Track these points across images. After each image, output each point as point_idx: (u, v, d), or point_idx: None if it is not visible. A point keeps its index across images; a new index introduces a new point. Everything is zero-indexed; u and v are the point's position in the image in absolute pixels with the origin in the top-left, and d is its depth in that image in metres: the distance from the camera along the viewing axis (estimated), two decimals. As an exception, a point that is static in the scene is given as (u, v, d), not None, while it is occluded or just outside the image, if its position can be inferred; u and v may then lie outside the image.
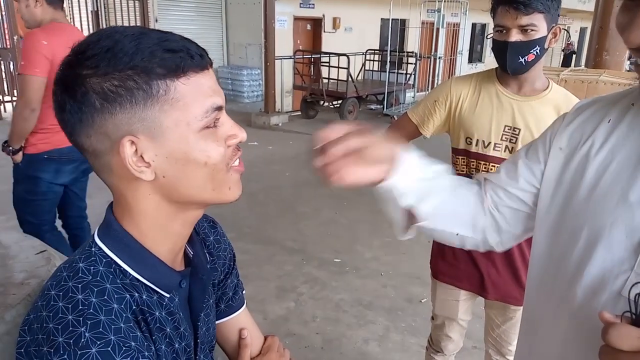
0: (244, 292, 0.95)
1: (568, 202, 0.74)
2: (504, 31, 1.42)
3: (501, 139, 1.51)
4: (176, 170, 0.62)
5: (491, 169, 1.51)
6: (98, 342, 0.55)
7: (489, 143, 1.52)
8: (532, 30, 1.38)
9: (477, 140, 1.54)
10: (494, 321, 1.76)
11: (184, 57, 0.59)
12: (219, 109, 0.63)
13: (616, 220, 0.66)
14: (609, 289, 0.66)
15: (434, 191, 0.85)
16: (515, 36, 1.39)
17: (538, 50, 1.41)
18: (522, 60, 1.41)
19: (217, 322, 0.90)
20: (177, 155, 0.61)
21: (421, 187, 0.84)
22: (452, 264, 1.69)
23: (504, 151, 1.51)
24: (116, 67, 0.57)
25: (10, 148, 2.39)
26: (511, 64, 1.43)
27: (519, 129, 1.48)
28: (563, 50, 13.88)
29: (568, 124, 0.80)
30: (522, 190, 0.85)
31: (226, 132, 0.65)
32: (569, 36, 14.76)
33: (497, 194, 0.88)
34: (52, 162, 2.45)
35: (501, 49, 1.43)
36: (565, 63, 12.81)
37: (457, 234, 0.90)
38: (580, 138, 0.76)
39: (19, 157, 2.42)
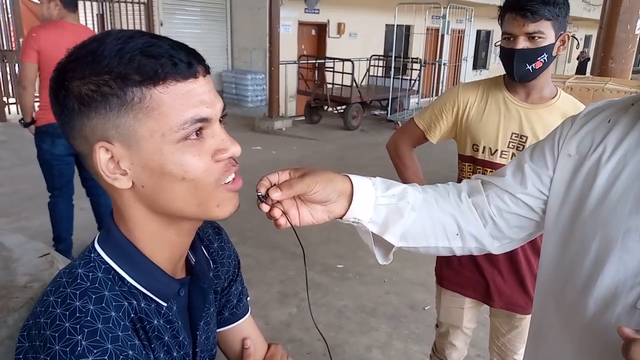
0: (248, 298, 0.94)
1: (578, 210, 0.73)
2: (511, 38, 1.41)
3: (508, 147, 1.50)
4: (153, 181, 0.59)
5: None
6: (95, 351, 0.55)
7: (496, 150, 1.51)
8: (539, 37, 1.37)
9: (484, 147, 1.53)
10: (499, 330, 1.74)
11: (164, 63, 0.56)
12: (203, 120, 0.59)
13: (629, 230, 0.65)
14: (623, 302, 0.64)
15: (400, 213, 0.81)
16: (522, 43, 1.39)
17: (545, 58, 1.40)
18: (530, 67, 1.41)
19: (220, 329, 0.89)
20: (152, 167, 0.58)
21: (383, 213, 0.81)
22: (457, 271, 1.68)
23: (511, 158, 1.49)
24: (94, 71, 0.56)
25: (22, 121, 2.96)
26: (518, 71, 1.42)
27: (526, 137, 1.47)
28: (578, 59, 13.87)
29: (577, 130, 0.78)
30: (531, 197, 0.82)
31: (214, 146, 0.61)
32: (578, 44, 14.74)
33: (503, 199, 0.84)
34: (48, 134, 2.87)
35: (508, 56, 1.42)
36: (580, 71, 12.72)
37: (443, 247, 0.87)
38: (590, 144, 0.74)
39: (31, 129, 2.94)
